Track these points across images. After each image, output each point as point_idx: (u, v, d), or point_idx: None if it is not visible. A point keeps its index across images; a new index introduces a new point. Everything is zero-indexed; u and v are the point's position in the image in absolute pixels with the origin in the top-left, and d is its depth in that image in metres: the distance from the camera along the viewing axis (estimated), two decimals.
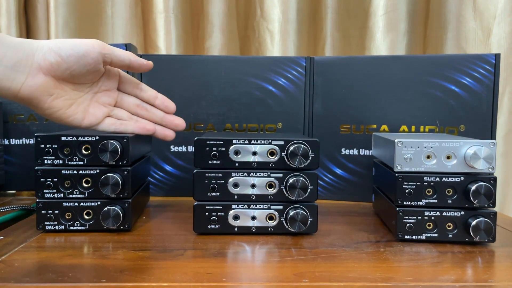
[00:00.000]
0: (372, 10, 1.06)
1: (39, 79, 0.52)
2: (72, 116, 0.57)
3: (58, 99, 0.55)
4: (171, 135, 0.64)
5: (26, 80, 0.51)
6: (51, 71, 0.53)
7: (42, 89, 0.53)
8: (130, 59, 0.58)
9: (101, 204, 0.60)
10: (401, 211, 0.57)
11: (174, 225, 0.65)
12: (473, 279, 0.47)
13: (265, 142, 0.59)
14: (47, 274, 0.46)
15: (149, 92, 0.63)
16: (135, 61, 0.59)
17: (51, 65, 0.52)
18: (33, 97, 0.53)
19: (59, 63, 0.53)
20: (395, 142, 0.57)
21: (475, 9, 1.03)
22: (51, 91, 0.54)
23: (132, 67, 0.59)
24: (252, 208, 0.60)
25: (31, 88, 0.52)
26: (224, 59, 0.85)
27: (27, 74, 0.51)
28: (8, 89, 0.51)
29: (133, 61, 0.59)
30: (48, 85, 0.53)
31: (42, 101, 0.53)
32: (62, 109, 0.56)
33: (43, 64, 0.52)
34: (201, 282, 0.44)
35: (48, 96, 0.54)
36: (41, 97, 0.53)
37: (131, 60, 0.58)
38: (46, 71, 0.52)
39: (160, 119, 0.63)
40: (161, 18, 1.09)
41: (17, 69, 0.51)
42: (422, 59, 0.80)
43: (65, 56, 0.53)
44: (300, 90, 0.83)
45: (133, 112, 0.63)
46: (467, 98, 0.78)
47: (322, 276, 0.46)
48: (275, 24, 1.09)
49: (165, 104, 0.64)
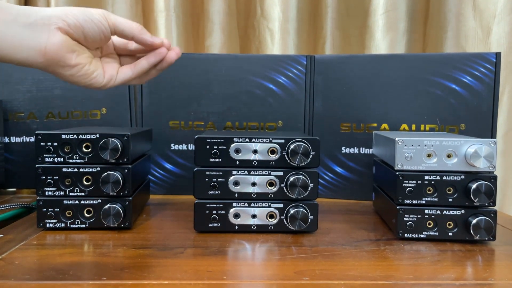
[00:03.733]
0: (372, 9, 1.06)
1: (60, 36, 0.53)
2: (96, 71, 0.57)
3: (80, 56, 0.55)
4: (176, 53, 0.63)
5: (49, 38, 0.52)
6: (68, 32, 0.53)
7: (66, 45, 0.53)
8: (134, 35, 0.58)
9: (101, 202, 0.60)
10: (402, 209, 0.57)
11: (174, 223, 0.65)
12: (473, 277, 0.47)
13: (265, 140, 0.59)
14: (47, 272, 0.46)
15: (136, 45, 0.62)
16: (138, 39, 0.58)
17: (69, 26, 0.53)
18: (60, 54, 0.53)
19: (77, 26, 0.54)
20: (395, 140, 0.57)
21: (475, 8, 1.03)
22: (73, 47, 0.54)
23: (136, 42, 0.59)
24: (252, 206, 0.60)
25: (56, 45, 0.52)
26: (225, 57, 0.85)
27: (47, 33, 0.52)
28: (33, 49, 0.51)
29: (136, 38, 0.58)
30: (69, 43, 0.54)
31: (68, 58, 0.54)
32: (87, 64, 0.56)
33: (62, 24, 0.53)
34: (202, 280, 0.44)
35: (72, 53, 0.54)
36: (67, 54, 0.53)
37: (134, 37, 0.58)
38: (64, 31, 0.53)
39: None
40: (161, 17, 1.08)
41: (34, 29, 0.51)
42: (422, 57, 0.80)
43: (82, 20, 0.54)
44: (300, 88, 0.83)
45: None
46: (468, 97, 0.78)
47: (322, 274, 0.46)
48: (275, 23, 1.09)
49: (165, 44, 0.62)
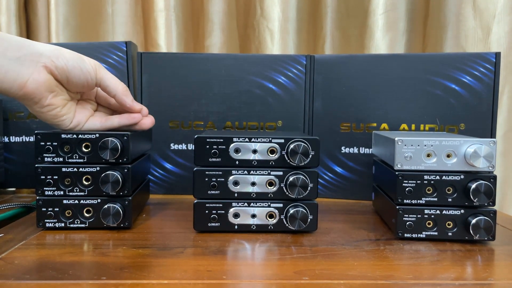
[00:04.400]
0: (372, 9, 1.06)
1: (45, 75, 0.54)
2: (66, 115, 0.59)
3: (57, 97, 0.57)
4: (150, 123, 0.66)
5: (33, 75, 0.53)
6: (53, 73, 0.55)
7: (46, 85, 0.55)
8: (116, 95, 0.61)
9: (101, 202, 0.60)
10: (401, 209, 0.57)
11: (174, 223, 0.65)
12: (473, 277, 0.47)
13: (265, 140, 0.59)
14: (47, 272, 0.46)
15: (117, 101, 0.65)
16: (119, 99, 0.62)
17: (56, 68, 0.55)
18: (37, 92, 0.54)
19: (64, 69, 0.56)
20: (395, 140, 0.57)
21: (475, 8, 1.03)
22: (53, 88, 0.56)
23: (116, 101, 0.62)
24: (252, 206, 0.60)
25: (37, 83, 0.54)
26: (224, 57, 0.85)
27: (33, 69, 0.53)
28: (14, 81, 0.53)
29: (117, 97, 0.61)
30: (51, 83, 0.55)
31: (44, 97, 0.55)
32: (60, 107, 0.58)
33: (49, 64, 0.55)
34: (201, 279, 0.44)
35: (50, 93, 0.56)
36: (45, 93, 0.55)
37: (116, 96, 0.61)
38: (49, 71, 0.55)
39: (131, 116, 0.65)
40: (161, 16, 1.09)
41: (21, 63, 0.53)
42: (422, 57, 0.80)
43: (71, 66, 0.56)
44: (300, 88, 0.83)
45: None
46: (467, 97, 0.78)
47: (322, 274, 0.46)
48: (275, 23, 1.09)
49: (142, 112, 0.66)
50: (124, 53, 0.83)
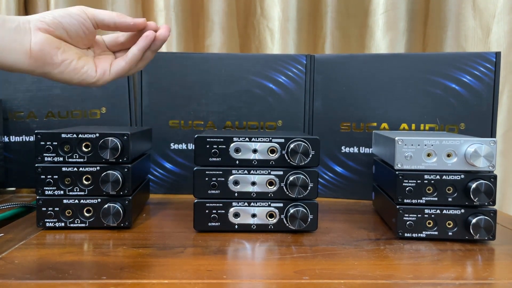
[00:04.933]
0: (372, 8, 1.06)
1: (42, 35, 0.54)
2: (86, 66, 0.57)
3: (67, 52, 0.56)
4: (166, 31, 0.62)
5: (32, 38, 0.53)
6: (48, 30, 0.55)
7: (49, 43, 0.54)
8: (115, 22, 0.59)
9: (101, 202, 0.60)
10: (401, 209, 0.57)
11: (174, 223, 0.65)
12: (473, 276, 0.47)
13: (265, 140, 0.59)
14: (47, 271, 0.46)
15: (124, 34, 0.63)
16: (120, 23, 0.59)
17: (48, 25, 0.54)
18: (44, 52, 0.54)
19: (55, 22, 0.55)
20: (395, 140, 0.57)
21: (475, 7, 1.03)
22: (58, 44, 0.55)
23: (118, 28, 0.60)
24: (252, 206, 0.60)
25: (39, 43, 0.53)
26: (224, 56, 0.85)
27: (29, 34, 0.53)
28: (20, 50, 0.53)
29: (118, 23, 0.59)
30: (52, 40, 0.55)
31: (53, 55, 0.54)
32: (75, 59, 0.56)
33: (40, 25, 0.54)
34: (202, 279, 0.44)
35: (57, 49, 0.55)
36: (52, 50, 0.54)
37: (116, 23, 0.59)
38: (44, 30, 0.54)
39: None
40: (161, 16, 1.08)
41: (19, 31, 0.53)
42: (422, 57, 0.80)
43: (58, 16, 0.55)
44: (300, 88, 0.83)
45: None
46: (468, 96, 0.78)
47: (322, 274, 0.46)
48: (275, 23, 1.09)
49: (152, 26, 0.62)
50: None
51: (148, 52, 0.61)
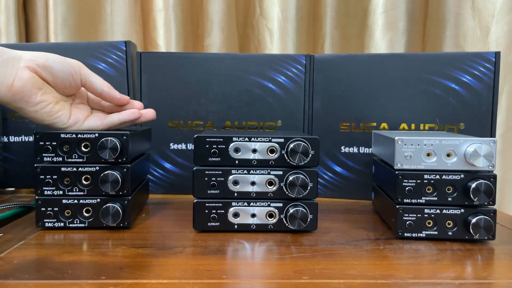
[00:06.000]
0: (371, 8, 1.06)
1: (28, 73, 0.56)
2: (61, 111, 0.59)
3: (46, 94, 0.58)
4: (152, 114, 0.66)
5: (17, 74, 0.55)
6: (36, 71, 0.57)
7: (32, 82, 0.56)
8: (103, 90, 0.62)
9: (100, 202, 0.60)
10: (401, 208, 0.57)
11: (173, 223, 0.65)
12: (473, 276, 0.47)
13: (265, 140, 0.59)
14: (46, 271, 0.46)
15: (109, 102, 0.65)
16: (107, 93, 0.62)
17: (38, 66, 0.56)
18: (25, 89, 0.55)
19: (45, 65, 0.57)
20: (395, 139, 0.57)
21: (474, 7, 1.03)
22: (40, 85, 0.57)
23: (103, 97, 0.63)
24: (252, 206, 0.59)
25: (23, 80, 0.55)
26: (224, 56, 0.85)
27: (16, 70, 0.55)
28: (1, 83, 0.54)
29: (105, 92, 0.62)
30: (36, 80, 0.56)
31: (34, 94, 0.56)
32: (52, 103, 0.58)
33: (30, 64, 0.56)
34: (201, 279, 0.44)
35: (38, 90, 0.56)
36: (33, 89, 0.56)
37: (104, 91, 0.62)
38: (33, 70, 0.56)
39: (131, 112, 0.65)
40: (160, 16, 1.08)
41: (5, 66, 0.55)
42: (422, 57, 0.80)
43: (51, 61, 0.58)
44: (299, 88, 0.83)
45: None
46: (467, 96, 0.78)
47: (322, 274, 0.46)
48: (274, 23, 1.09)
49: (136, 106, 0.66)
50: (124, 53, 0.83)
51: (128, 123, 0.64)
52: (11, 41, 1.05)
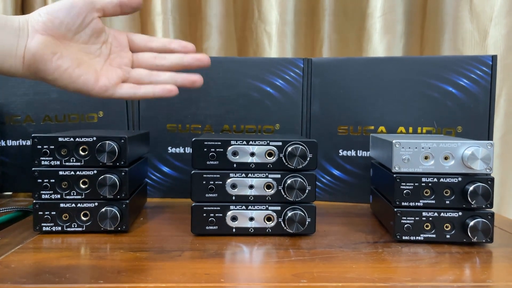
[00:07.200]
0: (369, 12, 1.06)
1: (38, 38, 0.52)
2: (83, 76, 0.53)
3: (64, 58, 0.53)
4: (199, 79, 0.60)
5: (27, 42, 0.51)
6: (46, 30, 0.52)
7: (44, 47, 0.52)
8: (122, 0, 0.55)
9: (98, 205, 0.59)
10: (399, 211, 0.57)
11: (171, 226, 0.65)
12: (471, 279, 0.47)
13: (263, 143, 0.59)
14: (44, 275, 0.45)
15: (162, 40, 0.59)
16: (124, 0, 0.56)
17: (44, 23, 0.52)
18: (38, 57, 0.51)
19: (51, 19, 0.52)
20: (393, 143, 0.57)
21: (472, 11, 1.03)
22: (55, 49, 0.52)
23: (123, 5, 0.55)
24: (250, 209, 0.59)
25: (34, 48, 0.51)
26: (222, 60, 0.85)
27: (26, 37, 0.51)
28: (15, 55, 0.51)
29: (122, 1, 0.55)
30: (49, 43, 0.52)
31: (48, 60, 0.52)
32: (71, 67, 0.53)
33: (37, 25, 0.52)
34: (199, 282, 0.44)
35: (52, 54, 0.52)
36: (46, 56, 0.51)
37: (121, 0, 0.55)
38: (42, 31, 0.52)
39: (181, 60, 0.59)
40: (159, 20, 1.09)
41: (18, 34, 0.51)
42: (419, 60, 0.80)
43: (53, 11, 0.53)
44: (297, 91, 0.83)
45: (151, 67, 0.58)
46: (464, 99, 0.78)
47: (320, 277, 0.46)
48: (273, 26, 1.09)
49: (182, 45, 0.59)
50: None
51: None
52: None
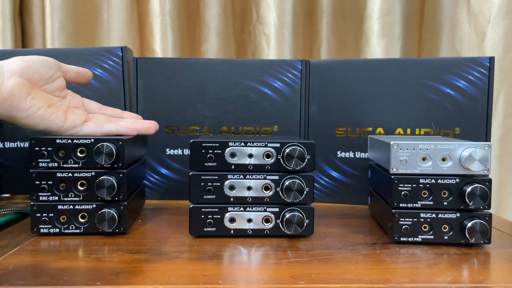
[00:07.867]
0: (367, 14, 1.07)
1: (15, 79, 0.55)
2: (55, 114, 0.58)
3: (37, 99, 0.57)
4: (153, 126, 0.67)
5: (3, 82, 0.55)
6: (22, 74, 0.56)
7: (21, 87, 0.55)
8: (78, 70, 0.65)
9: (96, 207, 0.59)
10: (397, 213, 0.57)
11: (169, 228, 0.65)
12: (469, 280, 0.47)
13: (261, 145, 0.59)
14: (41, 277, 0.45)
15: (115, 110, 0.69)
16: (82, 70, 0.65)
17: (21, 68, 0.56)
18: (14, 95, 0.55)
19: (28, 66, 0.57)
20: (390, 144, 0.57)
21: (470, 12, 1.04)
22: (29, 90, 0.56)
23: (79, 75, 0.65)
24: (248, 211, 0.59)
25: (11, 86, 0.55)
26: (220, 62, 0.85)
27: (1, 78, 0.55)
28: None
29: (80, 70, 0.65)
30: (24, 85, 0.56)
31: (23, 99, 0.55)
32: (43, 107, 0.57)
33: (14, 69, 0.56)
34: (197, 284, 0.44)
35: (27, 94, 0.56)
36: (22, 95, 0.55)
37: (79, 69, 0.65)
38: (19, 74, 0.56)
39: (132, 124, 0.66)
40: (157, 22, 1.09)
41: None
42: (417, 62, 0.80)
43: (30, 60, 0.58)
44: (296, 93, 0.83)
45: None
46: (462, 101, 0.78)
47: (319, 278, 0.46)
48: (271, 28, 1.09)
49: (133, 115, 0.69)
50: (120, 59, 0.83)
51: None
52: (7, 47, 1.05)
